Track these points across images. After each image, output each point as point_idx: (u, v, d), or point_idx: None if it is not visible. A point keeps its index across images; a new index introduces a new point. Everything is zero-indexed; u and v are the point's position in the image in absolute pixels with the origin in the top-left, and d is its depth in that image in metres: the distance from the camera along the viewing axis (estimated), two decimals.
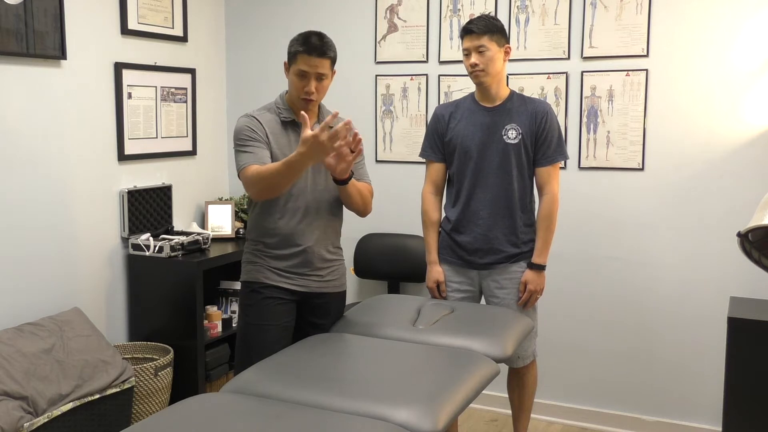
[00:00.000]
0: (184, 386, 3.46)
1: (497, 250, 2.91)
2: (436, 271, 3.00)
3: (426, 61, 3.82)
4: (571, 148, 3.50)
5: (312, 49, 2.47)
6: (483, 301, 3.05)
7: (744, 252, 2.47)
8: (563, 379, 3.66)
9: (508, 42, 2.89)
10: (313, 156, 2.25)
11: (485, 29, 2.79)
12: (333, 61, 2.55)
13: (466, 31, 2.82)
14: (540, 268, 2.91)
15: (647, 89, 3.39)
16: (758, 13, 3.18)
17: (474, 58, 2.80)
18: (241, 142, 2.50)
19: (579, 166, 3.55)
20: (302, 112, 2.31)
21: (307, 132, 2.20)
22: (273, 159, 2.50)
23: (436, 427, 1.77)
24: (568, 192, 3.30)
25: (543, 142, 2.88)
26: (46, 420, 2.73)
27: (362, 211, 2.65)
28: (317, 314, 2.63)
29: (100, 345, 3.14)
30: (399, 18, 3.86)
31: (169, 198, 3.83)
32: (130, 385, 3.11)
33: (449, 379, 2.02)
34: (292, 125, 2.57)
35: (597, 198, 3.54)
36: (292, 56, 2.52)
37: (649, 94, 3.39)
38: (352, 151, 2.37)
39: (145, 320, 3.62)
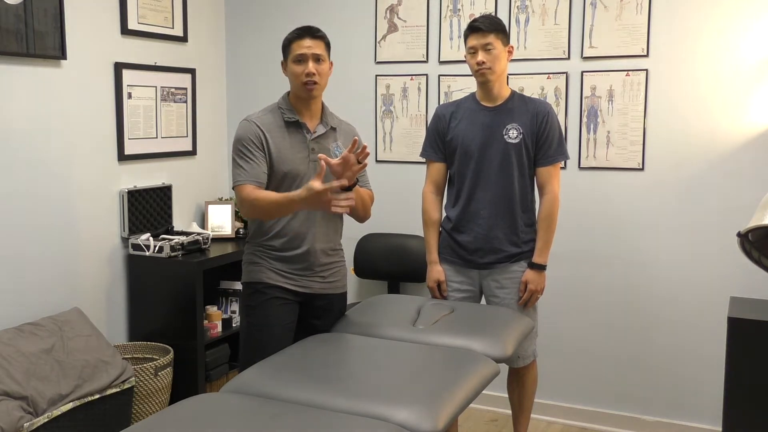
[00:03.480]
0: (184, 386, 3.46)
1: (498, 249, 2.91)
2: (437, 271, 3.00)
3: (426, 61, 3.82)
4: (571, 148, 3.50)
5: (304, 32, 2.52)
6: (483, 300, 3.05)
7: (744, 252, 2.47)
8: (563, 379, 3.65)
9: (510, 42, 2.90)
10: (312, 206, 2.34)
11: (492, 27, 2.80)
12: (327, 45, 2.57)
13: (473, 29, 2.82)
14: (540, 267, 2.91)
15: (647, 89, 3.39)
16: (759, 13, 3.18)
17: (481, 56, 2.80)
18: (239, 154, 2.50)
19: (579, 166, 3.55)
20: (321, 156, 2.28)
21: (316, 185, 2.24)
22: (271, 162, 2.51)
23: (436, 427, 1.77)
24: (568, 192, 3.30)
25: (544, 142, 2.89)
26: (46, 420, 2.73)
27: (362, 217, 2.66)
28: (319, 315, 2.63)
29: (100, 345, 3.14)
30: (399, 18, 3.86)
31: (169, 198, 3.83)
32: (130, 385, 3.11)
33: (449, 379, 2.02)
34: (295, 126, 2.56)
35: (597, 198, 3.54)
36: (286, 47, 2.55)
37: (649, 94, 3.39)
38: (359, 161, 2.39)
39: (145, 320, 3.62)
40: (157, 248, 3.52)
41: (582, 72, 3.50)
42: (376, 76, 3.94)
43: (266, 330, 2.54)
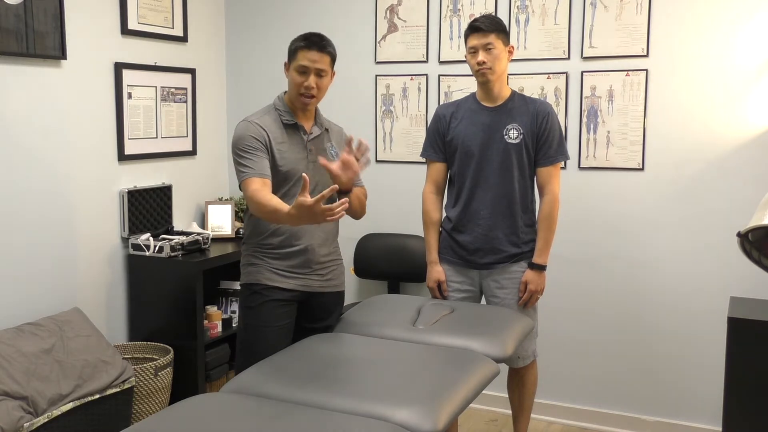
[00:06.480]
0: (184, 386, 3.46)
1: (498, 249, 2.91)
2: (437, 271, 3.00)
3: (426, 61, 3.82)
4: (571, 148, 3.50)
5: (312, 43, 2.51)
6: (483, 301, 3.05)
7: (744, 252, 2.48)
8: (563, 379, 3.65)
9: (510, 42, 2.91)
10: (306, 220, 2.22)
11: (493, 27, 2.80)
12: (333, 59, 2.57)
13: (474, 29, 2.81)
14: (540, 268, 2.91)
15: (647, 89, 3.39)
16: (758, 14, 3.18)
17: (481, 56, 2.80)
18: (242, 153, 2.46)
19: (579, 166, 3.55)
20: (304, 174, 2.21)
21: (305, 200, 2.14)
22: (273, 164, 2.50)
23: (436, 427, 1.77)
24: (568, 192, 3.30)
25: (544, 143, 2.89)
26: (46, 420, 2.73)
27: (359, 215, 2.67)
28: (317, 314, 2.63)
29: (100, 345, 3.14)
30: (399, 18, 3.86)
31: (169, 198, 3.83)
32: (130, 385, 3.11)
33: (449, 379, 2.02)
34: (293, 128, 2.57)
35: (597, 198, 3.54)
36: (293, 53, 2.54)
37: (649, 94, 3.39)
38: (358, 159, 2.38)
39: (145, 320, 3.62)
40: (157, 248, 3.52)
41: (582, 72, 3.50)
42: (376, 76, 3.94)
43: (263, 332, 2.54)
